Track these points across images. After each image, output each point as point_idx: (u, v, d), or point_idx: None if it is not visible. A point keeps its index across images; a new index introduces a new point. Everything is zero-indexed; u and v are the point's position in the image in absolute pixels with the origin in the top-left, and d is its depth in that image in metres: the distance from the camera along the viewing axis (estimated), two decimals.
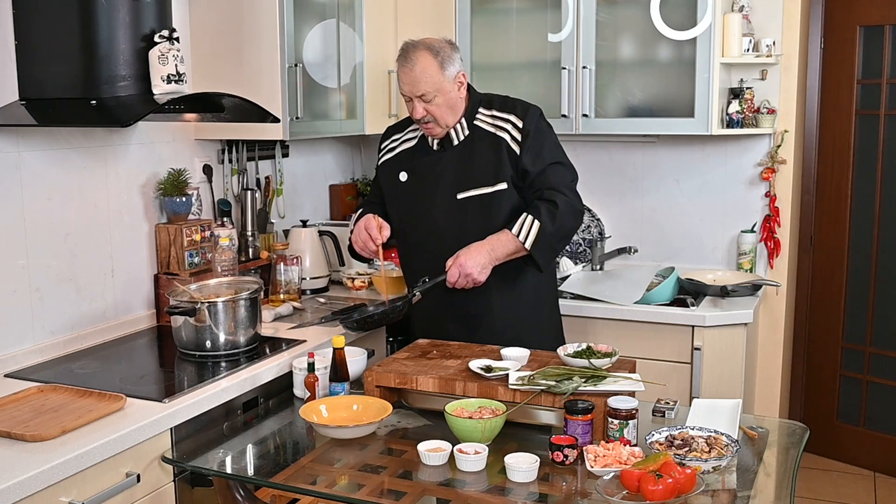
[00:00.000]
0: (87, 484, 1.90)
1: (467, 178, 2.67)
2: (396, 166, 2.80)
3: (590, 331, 3.27)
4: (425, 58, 2.60)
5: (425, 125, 2.67)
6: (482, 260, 2.55)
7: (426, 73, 2.59)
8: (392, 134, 2.88)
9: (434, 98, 2.61)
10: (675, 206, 3.81)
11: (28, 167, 2.50)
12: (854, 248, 3.96)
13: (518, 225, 2.58)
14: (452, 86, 2.63)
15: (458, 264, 2.54)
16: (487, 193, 2.64)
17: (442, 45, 2.64)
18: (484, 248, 2.57)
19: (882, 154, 3.84)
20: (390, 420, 2.15)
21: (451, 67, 2.63)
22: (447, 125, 2.67)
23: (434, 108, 2.62)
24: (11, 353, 2.46)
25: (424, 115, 2.63)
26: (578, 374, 2.11)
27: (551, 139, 2.70)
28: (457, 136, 2.70)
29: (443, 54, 2.62)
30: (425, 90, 2.60)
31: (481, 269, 2.55)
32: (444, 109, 2.64)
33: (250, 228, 3.23)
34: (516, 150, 2.63)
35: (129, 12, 2.35)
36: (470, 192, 2.66)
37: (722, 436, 1.91)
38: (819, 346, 4.10)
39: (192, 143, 3.11)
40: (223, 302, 2.53)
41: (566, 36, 3.46)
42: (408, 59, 2.61)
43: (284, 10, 2.92)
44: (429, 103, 2.62)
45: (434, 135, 2.70)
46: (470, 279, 2.55)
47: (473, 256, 2.55)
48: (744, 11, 3.47)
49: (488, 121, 2.68)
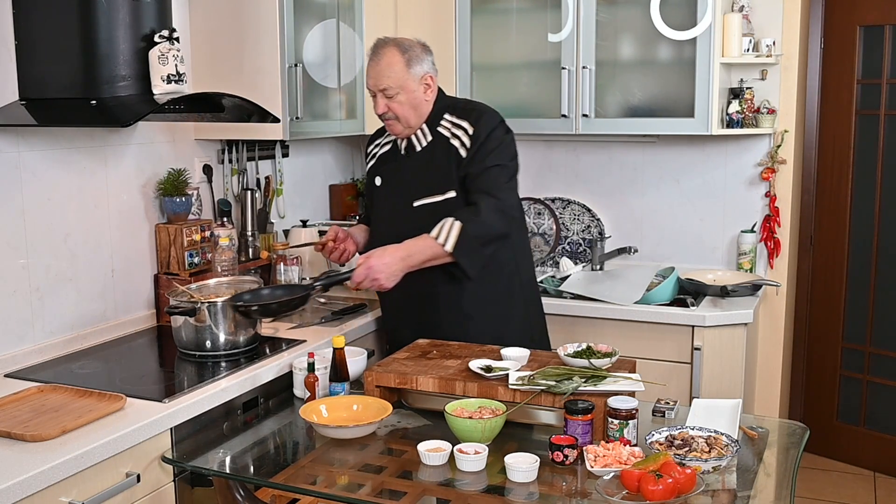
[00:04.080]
0: (87, 484, 1.90)
1: (424, 185, 2.65)
2: (374, 170, 2.82)
3: (590, 331, 3.27)
4: (392, 53, 2.60)
5: (387, 122, 2.66)
6: (393, 265, 2.47)
7: (391, 68, 2.58)
8: (375, 138, 2.89)
9: (396, 95, 2.60)
10: (675, 206, 3.81)
11: (28, 167, 2.50)
12: (854, 248, 3.96)
13: (437, 228, 2.51)
14: (418, 86, 2.62)
15: (367, 265, 2.46)
16: (440, 202, 2.61)
17: (413, 44, 2.64)
18: (398, 252, 2.49)
19: (882, 154, 3.84)
20: (390, 420, 2.15)
21: (418, 67, 2.62)
22: (409, 125, 2.65)
23: (396, 106, 2.61)
24: (11, 353, 2.46)
25: (386, 111, 2.62)
26: (578, 374, 2.11)
27: (502, 145, 2.62)
28: (419, 143, 2.68)
29: (411, 52, 2.61)
30: (388, 85, 2.59)
31: (389, 275, 2.47)
32: (406, 108, 2.62)
33: (250, 228, 3.23)
34: (464, 155, 2.60)
35: (129, 12, 2.35)
36: (424, 200, 2.64)
37: (722, 436, 1.91)
38: (819, 346, 4.10)
39: (192, 143, 3.11)
40: (223, 302, 2.53)
41: (566, 36, 3.46)
42: (376, 53, 2.62)
43: (284, 10, 2.92)
44: (391, 99, 2.60)
45: (396, 133, 2.68)
46: (376, 284, 2.47)
47: (385, 260, 2.47)
48: (744, 11, 3.47)
49: (449, 127, 2.65)
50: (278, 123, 2.86)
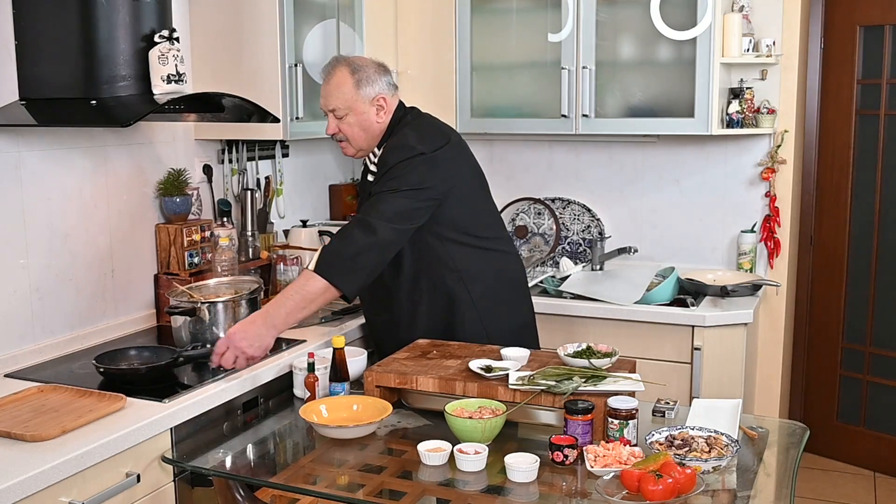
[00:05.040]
0: (87, 484, 1.90)
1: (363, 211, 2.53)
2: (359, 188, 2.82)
3: (590, 331, 3.27)
4: (342, 73, 2.54)
5: (339, 143, 2.63)
6: (254, 329, 2.32)
7: (339, 89, 2.53)
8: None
9: (345, 116, 2.55)
10: (675, 206, 3.81)
11: (28, 167, 2.50)
12: (854, 248, 3.96)
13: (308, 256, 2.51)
14: (368, 107, 2.55)
15: (227, 337, 2.33)
16: None
17: (366, 63, 2.57)
18: (257, 315, 2.37)
19: (882, 154, 3.84)
20: (390, 420, 2.15)
21: (369, 88, 2.54)
22: (360, 147, 2.61)
23: (346, 127, 2.56)
24: (11, 353, 2.46)
25: (336, 133, 2.58)
26: (578, 374, 2.11)
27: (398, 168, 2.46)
28: (372, 165, 2.63)
29: (361, 73, 2.53)
30: (336, 105, 2.54)
31: (252, 342, 2.31)
32: (356, 130, 2.57)
33: (250, 228, 3.23)
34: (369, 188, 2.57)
35: (129, 12, 2.35)
36: None
37: (722, 436, 1.91)
38: (819, 346, 4.10)
39: (192, 143, 3.11)
40: (223, 302, 2.53)
41: (566, 36, 3.46)
42: (327, 73, 2.58)
43: (284, 10, 2.92)
44: (340, 120, 2.56)
45: (348, 154, 2.66)
46: (241, 354, 2.31)
47: (244, 326, 2.33)
48: (744, 11, 3.47)
49: None
50: (278, 123, 2.86)
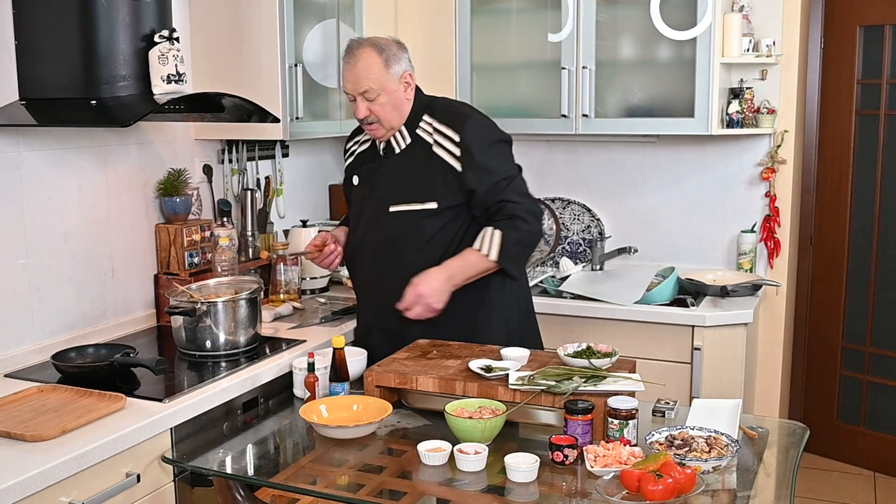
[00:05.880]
0: (87, 484, 1.90)
1: (401, 191, 2.56)
2: (351, 168, 2.75)
3: (590, 331, 3.27)
4: (369, 54, 2.51)
5: (369, 126, 2.58)
6: (441, 287, 2.47)
7: (370, 70, 2.50)
8: (354, 136, 2.80)
9: (378, 97, 2.51)
10: (675, 206, 3.81)
11: (28, 167, 2.50)
12: (854, 248, 3.96)
13: (479, 240, 2.50)
14: (398, 85, 2.54)
15: (415, 293, 2.46)
16: (417, 210, 2.54)
17: (388, 42, 2.57)
18: (442, 274, 2.48)
19: (882, 154, 3.85)
20: (390, 420, 2.15)
21: (397, 66, 2.54)
22: (392, 127, 2.58)
23: (377, 108, 2.53)
24: (11, 353, 2.46)
25: (368, 115, 2.53)
26: (578, 374, 2.11)
27: (494, 149, 2.56)
28: (398, 145, 2.60)
29: (388, 52, 2.53)
30: (368, 87, 2.50)
31: (439, 299, 2.47)
32: (388, 110, 2.54)
33: (250, 228, 3.23)
34: (456, 167, 2.51)
35: (129, 12, 2.36)
36: (401, 207, 2.55)
37: (722, 436, 1.91)
38: (819, 346, 4.10)
39: (192, 143, 3.11)
40: (223, 302, 2.53)
41: (566, 36, 3.46)
42: (352, 56, 2.52)
43: (284, 10, 2.92)
44: (372, 102, 2.52)
45: (378, 136, 2.60)
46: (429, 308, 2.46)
47: (432, 284, 2.46)
48: (744, 11, 3.47)
49: (429, 130, 2.57)
50: (278, 123, 2.85)
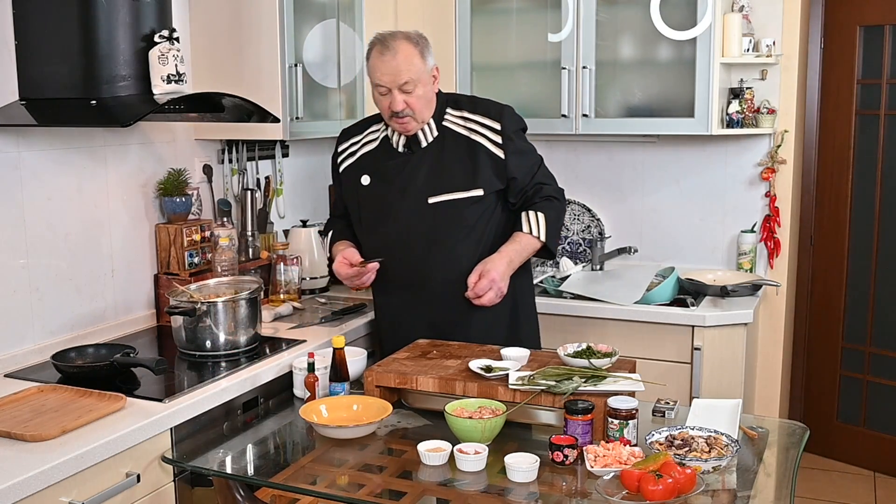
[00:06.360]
0: (87, 484, 1.90)
1: (440, 182, 2.58)
2: (358, 170, 2.70)
3: (590, 331, 3.27)
4: (406, 46, 2.49)
5: (401, 120, 2.54)
6: (507, 274, 2.56)
7: (410, 62, 2.48)
8: (350, 136, 2.76)
9: (415, 89, 2.49)
10: (675, 206, 3.81)
11: (28, 167, 2.50)
12: (854, 248, 3.96)
13: (525, 223, 2.60)
14: (429, 78, 2.56)
15: (489, 278, 2.51)
16: (461, 199, 2.57)
17: (419, 35, 2.57)
18: (504, 259, 2.56)
19: (882, 154, 3.85)
20: (390, 420, 2.15)
21: (430, 59, 2.55)
22: (423, 120, 2.57)
23: (414, 101, 2.51)
24: (11, 353, 2.46)
25: (404, 108, 2.50)
26: (578, 374, 2.11)
27: (523, 135, 2.68)
28: (425, 138, 2.60)
29: (422, 44, 2.54)
30: (408, 78, 2.47)
31: (507, 282, 2.56)
32: (422, 102, 2.53)
33: (250, 228, 3.23)
34: (499, 154, 2.57)
35: (129, 12, 2.35)
36: (442, 197, 2.57)
37: (722, 436, 1.91)
38: (819, 346, 4.10)
39: (192, 143, 3.11)
40: (223, 302, 2.53)
41: (566, 36, 3.46)
42: (388, 48, 2.48)
43: (284, 10, 2.92)
44: (409, 95, 2.49)
45: (408, 130, 2.57)
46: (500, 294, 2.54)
47: (501, 270, 2.54)
48: (744, 11, 3.47)
49: (459, 122, 2.60)
50: (278, 123, 2.85)
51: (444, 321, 2.63)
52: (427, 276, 2.61)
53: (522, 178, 2.61)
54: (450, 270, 2.59)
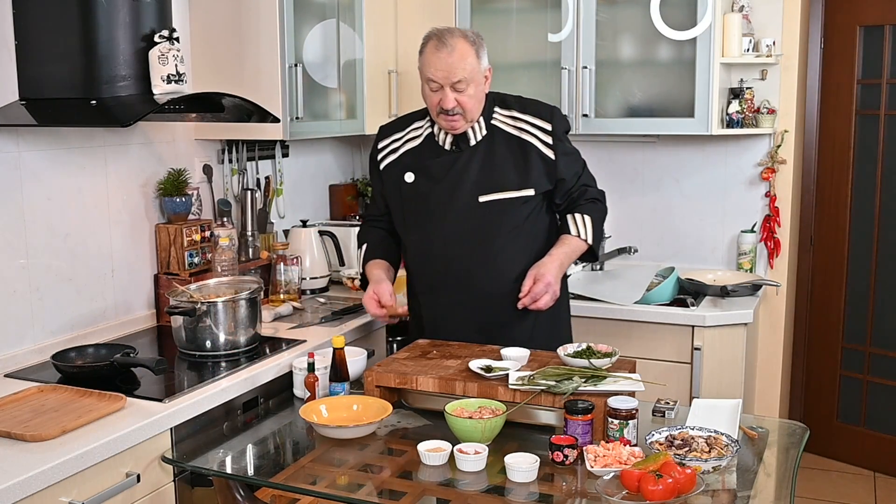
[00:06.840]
0: (87, 484, 1.90)
1: (491, 180, 2.55)
2: (401, 167, 2.65)
3: (590, 331, 3.27)
4: (463, 44, 2.45)
5: (450, 118, 2.49)
6: (559, 274, 2.55)
7: (465, 60, 2.44)
8: (391, 133, 2.71)
9: (467, 87, 2.45)
10: (675, 206, 3.81)
11: (28, 167, 2.50)
12: (854, 248, 3.96)
13: (573, 225, 2.60)
14: (482, 78, 2.52)
15: (545, 282, 2.48)
16: (512, 198, 2.55)
17: (476, 34, 2.54)
18: (555, 263, 2.54)
19: (882, 154, 3.85)
20: (390, 420, 2.15)
21: (485, 59, 2.53)
22: (472, 119, 2.53)
23: (465, 99, 2.46)
24: (11, 353, 2.46)
25: (455, 106, 2.46)
26: (578, 374, 2.11)
27: (568, 138, 2.68)
28: (474, 136, 2.57)
29: (479, 43, 2.51)
30: (462, 77, 2.43)
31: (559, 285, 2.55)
32: (474, 101, 2.49)
33: (250, 228, 3.23)
34: (549, 155, 2.56)
35: (129, 12, 2.35)
36: (494, 196, 2.54)
37: (722, 436, 1.91)
38: (819, 346, 4.10)
39: (192, 143, 3.11)
40: (223, 302, 2.53)
41: (566, 36, 3.46)
42: (445, 44, 2.44)
43: (284, 10, 2.92)
44: (461, 93, 2.45)
45: (457, 129, 2.53)
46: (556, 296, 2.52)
47: (555, 273, 2.52)
48: (744, 11, 3.47)
49: (508, 122, 2.58)
50: (278, 123, 2.85)
51: (490, 322, 2.58)
52: (474, 276, 2.57)
53: (570, 180, 2.61)
54: (497, 270, 2.57)
